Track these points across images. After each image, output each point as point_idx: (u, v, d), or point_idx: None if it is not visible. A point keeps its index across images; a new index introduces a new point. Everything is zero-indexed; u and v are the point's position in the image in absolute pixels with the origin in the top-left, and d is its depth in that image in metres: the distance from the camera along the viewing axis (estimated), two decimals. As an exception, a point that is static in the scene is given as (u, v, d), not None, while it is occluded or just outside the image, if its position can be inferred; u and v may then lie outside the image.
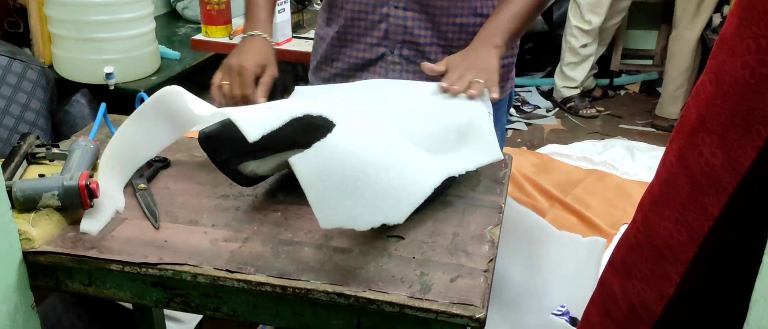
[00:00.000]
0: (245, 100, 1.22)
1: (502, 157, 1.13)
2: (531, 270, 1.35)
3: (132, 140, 1.10)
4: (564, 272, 1.38)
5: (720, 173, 0.83)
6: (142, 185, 1.08)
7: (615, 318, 1.08)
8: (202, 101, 1.09)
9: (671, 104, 3.61)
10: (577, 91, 3.77)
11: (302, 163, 0.88)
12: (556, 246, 1.36)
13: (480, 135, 1.12)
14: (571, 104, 3.76)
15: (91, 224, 0.98)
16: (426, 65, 1.24)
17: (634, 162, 3.08)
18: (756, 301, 0.65)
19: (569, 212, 2.61)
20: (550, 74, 4.10)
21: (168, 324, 1.60)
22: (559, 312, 1.62)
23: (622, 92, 4.12)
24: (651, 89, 4.12)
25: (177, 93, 1.08)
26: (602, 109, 3.81)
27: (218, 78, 1.26)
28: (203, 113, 1.06)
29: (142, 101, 1.13)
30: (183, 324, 1.79)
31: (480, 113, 1.15)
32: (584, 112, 3.73)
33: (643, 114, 3.80)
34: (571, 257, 1.38)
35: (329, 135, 0.90)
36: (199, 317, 1.81)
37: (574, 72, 3.75)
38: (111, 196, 1.03)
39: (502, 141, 1.64)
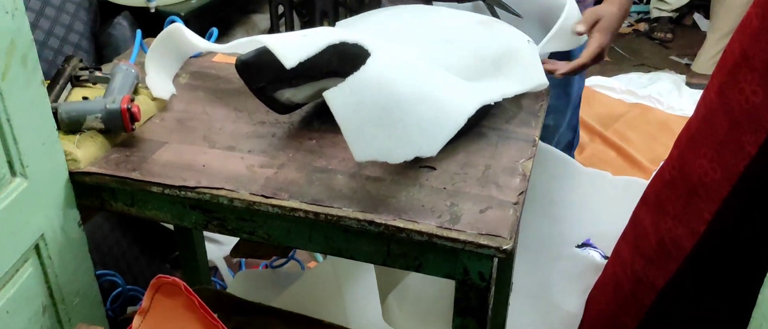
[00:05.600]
0: None
1: (546, 82, 1.11)
2: (553, 206, 1.35)
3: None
4: (591, 209, 1.36)
5: (759, 111, 0.81)
6: None
7: (644, 253, 1.09)
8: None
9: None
10: (667, 14, 3.70)
11: (337, 97, 0.88)
12: (582, 183, 1.35)
13: (519, 62, 1.10)
14: (655, 24, 3.69)
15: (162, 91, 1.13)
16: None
17: (680, 97, 2.98)
18: (786, 242, 0.65)
19: (609, 147, 2.58)
20: (598, 1, 3.97)
21: (207, 244, 1.66)
22: (584, 246, 1.61)
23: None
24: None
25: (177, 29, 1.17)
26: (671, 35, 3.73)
27: None
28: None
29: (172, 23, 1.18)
30: (221, 245, 1.85)
31: (518, 41, 1.12)
32: (657, 34, 3.67)
33: (694, 45, 3.65)
34: (599, 194, 1.36)
35: (363, 67, 0.90)
36: (236, 239, 1.86)
37: None
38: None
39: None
